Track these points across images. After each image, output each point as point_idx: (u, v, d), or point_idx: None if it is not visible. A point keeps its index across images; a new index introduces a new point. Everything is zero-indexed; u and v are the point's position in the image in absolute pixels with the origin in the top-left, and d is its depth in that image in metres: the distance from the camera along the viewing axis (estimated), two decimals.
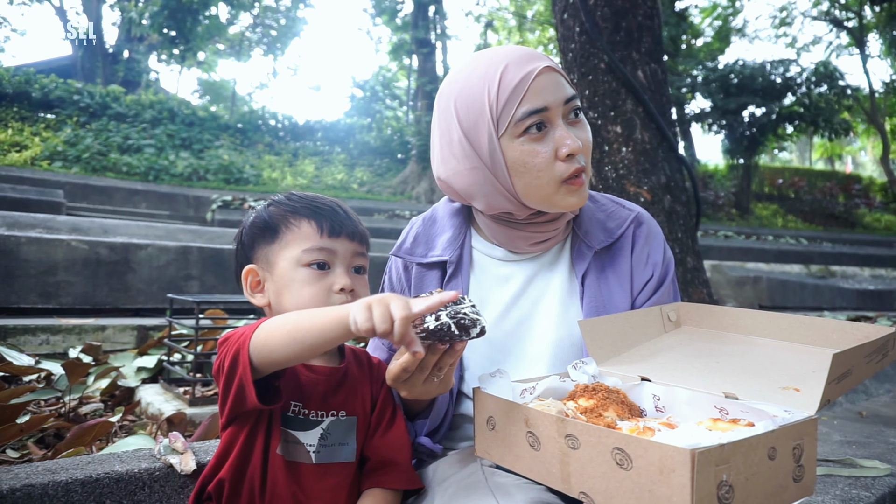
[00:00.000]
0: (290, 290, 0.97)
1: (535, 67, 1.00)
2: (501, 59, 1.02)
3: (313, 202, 1.02)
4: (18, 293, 3.82)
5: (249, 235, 1.03)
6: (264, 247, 1.01)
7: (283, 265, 0.98)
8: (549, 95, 1.00)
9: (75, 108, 14.03)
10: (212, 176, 13.18)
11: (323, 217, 0.99)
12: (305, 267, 0.97)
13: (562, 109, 1.01)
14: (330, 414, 0.98)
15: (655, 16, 3.25)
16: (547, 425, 0.79)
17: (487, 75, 1.01)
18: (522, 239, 1.13)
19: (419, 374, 0.91)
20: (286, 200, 1.03)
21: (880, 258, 13.55)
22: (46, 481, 1.15)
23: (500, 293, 1.15)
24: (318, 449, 0.96)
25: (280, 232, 1.00)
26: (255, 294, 1.02)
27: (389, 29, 22.61)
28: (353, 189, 15.38)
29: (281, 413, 0.95)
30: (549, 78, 1.01)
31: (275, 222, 1.00)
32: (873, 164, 37.48)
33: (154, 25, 17.03)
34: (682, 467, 0.63)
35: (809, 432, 0.75)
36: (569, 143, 1.00)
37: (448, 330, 0.84)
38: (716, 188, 18.77)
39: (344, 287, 0.98)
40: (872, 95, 20.92)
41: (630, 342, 1.07)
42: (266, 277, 1.01)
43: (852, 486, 1.49)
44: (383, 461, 1.00)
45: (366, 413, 1.02)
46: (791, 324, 1.00)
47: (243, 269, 1.02)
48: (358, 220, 1.05)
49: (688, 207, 3.24)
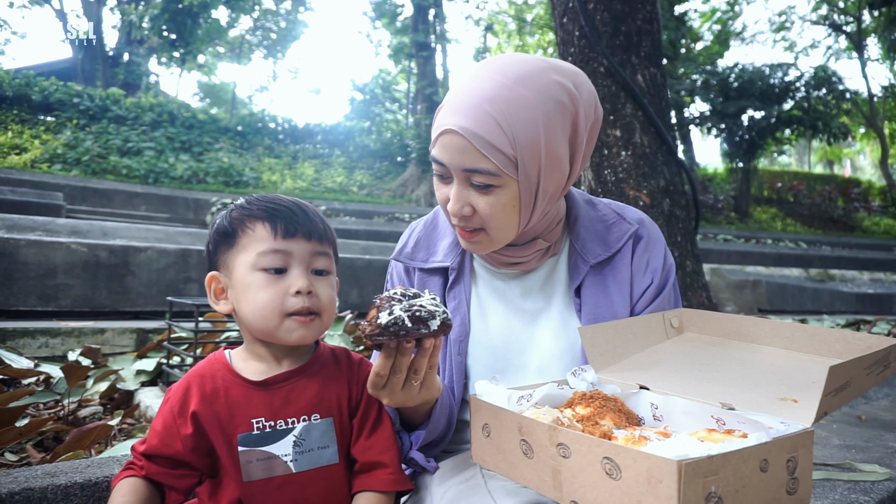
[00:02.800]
0: (246, 296, 0.94)
1: (443, 128, 0.98)
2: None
3: (270, 203, 0.98)
4: (18, 296, 3.82)
5: (213, 242, 1.00)
6: (224, 253, 0.98)
7: (240, 270, 0.95)
8: (445, 156, 0.99)
9: (75, 110, 14.03)
10: (211, 179, 13.19)
11: (278, 218, 0.96)
12: (260, 271, 0.94)
13: (460, 174, 0.99)
14: (301, 419, 0.95)
15: (655, 20, 3.26)
16: (539, 433, 0.78)
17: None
18: (494, 259, 1.13)
19: (395, 378, 0.88)
20: (245, 204, 0.99)
21: (879, 262, 13.56)
22: (46, 485, 1.15)
23: (498, 304, 1.15)
24: (294, 457, 0.94)
25: (237, 237, 0.97)
26: (218, 301, 0.99)
27: (389, 32, 22.64)
28: (353, 192, 15.39)
29: (241, 437, 0.93)
30: (449, 139, 0.97)
31: (233, 227, 0.97)
32: (872, 168, 37.53)
33: (154, 28, 17.05)
34: (669, 478, 0.63)
35: (805, 444, 0.75)
36: (447, 207, 1.02)
37: (402, 324, 0.81)
38: (715, 192, 18.80)
39: (300, 289, 0.93)
40: (871, 99, 20.97)
41: (631, 349, 1.06)
42: (227, 284, 0.98)
43: (851, 490, 1.49)
44: (370, 463, 0.98)
45: (343, 413, 0.99)
46: (794, 332, 1.00)
47: (206, 277, 1.00)
48: (320, 219, 1.01)
49: (687, 211, 3.25)
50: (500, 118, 0.93)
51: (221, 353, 1.02)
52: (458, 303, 1.14)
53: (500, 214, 1.00)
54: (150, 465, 0.93)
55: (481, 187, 0.99)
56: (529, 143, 0.95)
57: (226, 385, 0.96)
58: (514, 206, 1.01)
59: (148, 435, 0.96)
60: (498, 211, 1.00)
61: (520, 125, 0.94)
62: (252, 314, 0.94)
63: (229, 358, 1.01)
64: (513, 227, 1.03)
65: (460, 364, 1.12)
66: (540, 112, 0.95)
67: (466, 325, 1.13)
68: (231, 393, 0.95)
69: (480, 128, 0.93)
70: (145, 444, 0.95)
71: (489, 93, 0.94)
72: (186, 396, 0.95)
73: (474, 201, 1.00)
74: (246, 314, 0.95)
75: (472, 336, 1.14)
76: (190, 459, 0.93)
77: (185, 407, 0.94)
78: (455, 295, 1.14)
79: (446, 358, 1.13)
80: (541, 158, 0.97)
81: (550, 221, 1.11)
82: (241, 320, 0.97)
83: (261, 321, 0.94)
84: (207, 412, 0.94)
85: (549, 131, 0.96)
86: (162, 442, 0.93)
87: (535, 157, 0.96)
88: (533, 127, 0.95)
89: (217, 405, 0.94)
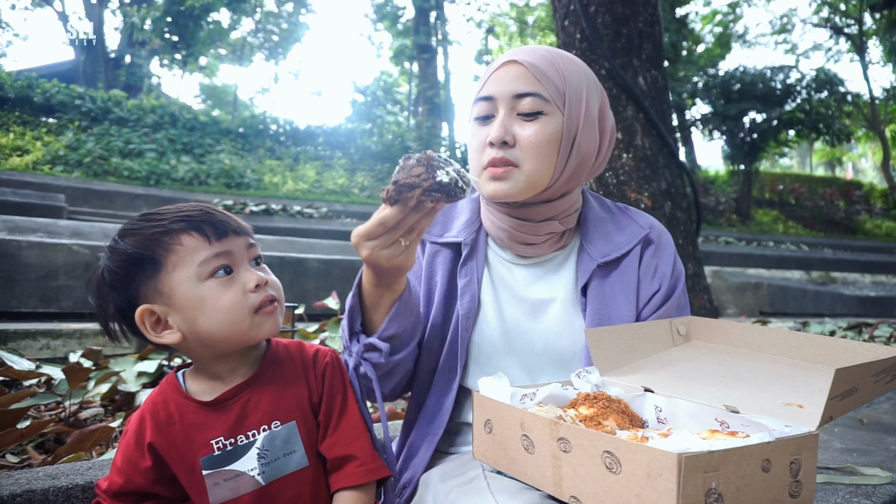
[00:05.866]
0: (202, 310, 0.88)
1: (502, 60, 1.09)
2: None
3: (181, 214, 0.91)
4: (19, 297, 3.82)
5: (118, 277, 0.90)
6: (147, 281, 0.89)
7: (183, 289, 0.88)
8: (498, 86, 1.06)
9: (77, 112, 14.05)
10: (213, 180, 13.20)
11: (201, 224, 0.90)
12: (209, 279, 0.89)
13: (510, 102, 1.05)
14: (262, 429, 0.92)
15: (656, 23, 3.26)
16: (541, 428, 0.78)
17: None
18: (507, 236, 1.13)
19: (392, 233, 0.89)
20: (146, 225, 0.91)
21: (881, 264, 13.56)
22: (47, 486, 1.15)
23: (504, 293, 1.15)
24: (261, 469, 0.91)
25: (160, 258, 0.89)
26: (161, 334, 0.90)
27: (391, 34, 22.70)
28: (354, 194, 15.39)
29: (203, 461, 0.90)
30: (507, 70, 1.07)
31: (148, 251, 0.89)
32: (874, 171, 37.51)
33: (156, 30, 17.10)
34: (669, 471, 0.63)
35: (809, 447, 0.74)
36: (487, 140, 1.06)
37: (456, 185, 0.84)
38: (716, 194, 18.79)
39: (258, 283, 0.91)
40: (873, 102, 20.98)
41: (637, 354, 1.05)
42: (166, 311, 0.90)
43: (853, 493, 1.49)
44: (339, 458, 0.95)
45: (306, 412, 0.96)
46: (802, 341, 0.99)
47: (136, 314, 0.89)
48: (230, 214, 0.96)
49: (688, 213, 3.25)
50: (554, 61, 1.07)
51: (173, 375, 0.97)
52: (469, 279, 1.14)
53: (541, 146, 1.04)
54: (112, 500, 0.91)
55: (528, 115, 1.05)
56: (576, 88, 1.07)
57: (179, 410, 0.92)
58: (554, 143, 1.05)
59: (110, 472, 0.93)
60: (540, 141, 1.04)
61: (570, 73, 1.07)
62: (218, 324, 0.89)
63: (182, 380, 0.96)
64: (546, 170, 1.06)
65: (465, 339, 1.12)
66: (584, 73, 1.10)
67: (476, 302, 1.13)
68: (186, 418, 0.91)
69: (538, 61, 1.06)
70: (108, 482, 0.92)
71: (544, 48, 1.10)
72: (141, 428, 0.92)
73: (517, 132, 1.05)
74: (210, 328, 0.89)
75: (480, 313, 1.14)
76: (156, 490, 0.91)
77: (141, 439, 0.91)
78: (467, 272, 1.14)
79: (453, 331, 1.13)
80: (582, 107, 1.06)
81: (569, 206, 1.13)
82: (200, 339, 0.91)
83: (230, 327, 0.89)
84: (163, 441, 0.90)
85: (590, 91, 1.09)
86: (124, 478, 0.91)
87: (578, 102, 1.06)
88: (579, 81, 1.08)
89: (172, 432, 0.91)
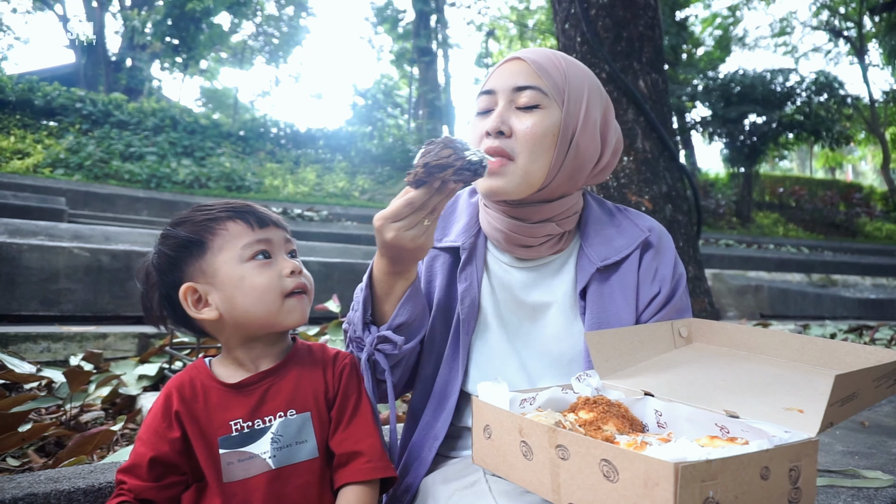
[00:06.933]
0: (241, 288, 0.96)
1: (507, 58, 1.12)
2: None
3: (228, 205, 1.01)
4: (20, 300, 3.82)
5: (169, 259, 0.99)
6: (194, 262, 0.98)
7: (226, 269, 0.96)
8: (499, 80, 1.09)
9: (78, 115, 14.06)
10: (213, 183, 13.20)
11: (245, 213, 1.00)
12: (250, 261, 0.97)
13: (509, 95, 1.07)
14: (278, 416, 0.97)
15: (656, 26, 3.27)
16: (539, 435, 0.78)
17: None
18: (503, 238, 1.13)
19: (418, 213, 0.94)
20: (197, 214, 1.00)
21: (881, 267, 13.54)
22: (49, 490, 1.15)
23: (504, 296, 1.15)
24: (273, 453, 0.95)
25: (207, 241, 0.97)
26: (201, 311, 0.98)
27: (391, 38, 22.74)
28: (355, 197, 15.40)
29: (221, 440, 0.94)
30: (509, 66, 1.10)
31: (197, 235, 0.98)
32: (874, 173, 37.52)
33: (157, 34, 17.14)
34: (666, 481, 0.62)
35: (809, 454, 0.74)
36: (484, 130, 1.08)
37: (481, 164, 0.91)
38: (717, 197, 18.79)
39: (293, 270, 0.99)
40: (873, 104, 20.98)
41: (638, 357, 1.05)
42: (208, 290, 0.97)
43: (855, 497, 1.48)
44: (347, 454, 0.98)
45: (321, 406, 1.01)
46: (804, 345, 0.98)
47: (180, 290, 0.97)
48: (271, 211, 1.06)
49: (689, 216, 3.25)
50: (556, 60, 1.09)
51: (201, 360, 1.03)
52: (469, 284, 1.14)
53: (537, 139, 1.05)
54: (134, 480, 0.92)
55: (526, 108, 1.06)
56: (577, 87, 1.08)
57: (204, 388, 0.98)
58: (551, 137, 1.06)
59: (131, 452, 0.96)
60: (537, 134, 1.05)
61: (571, 73, 1.09)
62: (253, 302, 0.96)
63: (209, 364, 1.03)
64: (542, 164, 1.06)
65: (465, 343, 1.12)
66: (587, 76, 1.11)
67: (476, 306, 1.13)
68: (209, 396, 0.97)
69: (541, 58, 1.08)
70: (131, 460, 0.95)
71: (550, 49, 1.14)
72: (168, 401, 0.97)
73: (514, 123, 1.06)
74: (245, 305, 0.96)
75: (480, 316, 1.14)
76: (178, 461, 0.94)
77: (168, 410, 0.96)
78: (467, 276, 1.14)
79: (453, 335, 1.13)
80: (582, 107, 1.07)
81: (567, 209, 1.12)
82: (235, 318, 0.97)
83: (263, 306, 0.96)
84: (188, 415, 0.95)
85: (591, 94, 1.10)
86: (149, 447, 0.94)
87: (578, 101, 1.07)
88: (580, 82, 1.09)
89: (196, 408, 0.96)
